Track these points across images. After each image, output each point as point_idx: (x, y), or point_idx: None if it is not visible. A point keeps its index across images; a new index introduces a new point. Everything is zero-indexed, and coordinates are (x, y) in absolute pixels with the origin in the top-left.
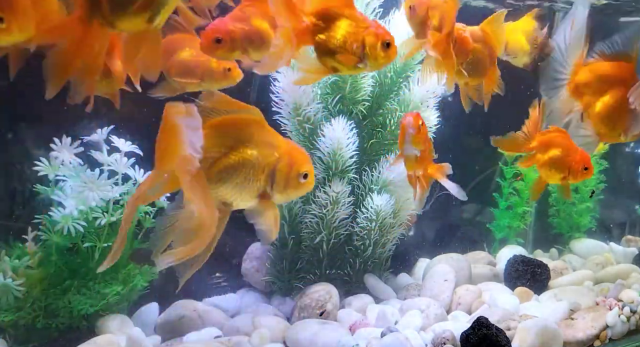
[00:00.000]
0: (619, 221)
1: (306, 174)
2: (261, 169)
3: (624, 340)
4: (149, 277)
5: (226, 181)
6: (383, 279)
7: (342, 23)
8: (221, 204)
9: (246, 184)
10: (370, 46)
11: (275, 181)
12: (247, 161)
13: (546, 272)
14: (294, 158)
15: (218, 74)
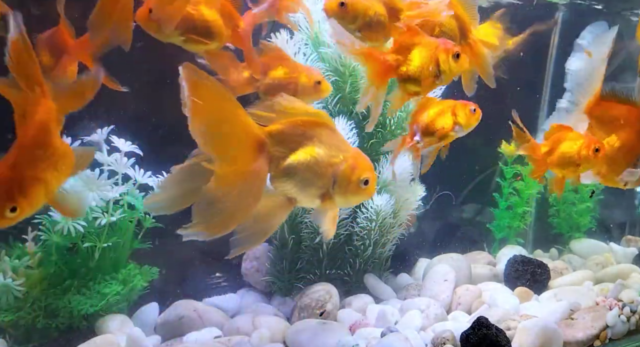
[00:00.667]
0: (619, 221)
1: (367, 181)
2: (325, 169)
3: (624, 340)
4: (149, 277)
5: (292, 177)
6: (383, 279)
7: (416, 52)
8: (286, 198)
9: (310, 182)
10: (443, 62)
11: (337, 183)
12: (312, 159)
13: (546, 272)
14: (357, 163)
15: (309, 88)
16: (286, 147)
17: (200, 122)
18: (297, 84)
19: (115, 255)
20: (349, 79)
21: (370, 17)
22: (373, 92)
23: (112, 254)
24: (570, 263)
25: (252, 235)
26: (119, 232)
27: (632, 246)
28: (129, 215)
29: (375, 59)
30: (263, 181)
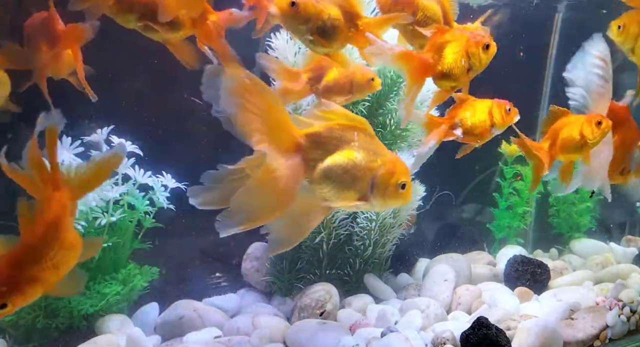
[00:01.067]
0: (619, 221)
1: (404, 185)
2: (363, 173)
3: (624, 340)
4: (149, 277)
5: (330, 180)
6: (383, 279)
7: (448, 49)
8: (323, 202)
9: (348, 186)
10: (473, 56)
11: (376, 187)
12: (351, 163)
13: (546, 272)
14: (395, 167)
15: (363, 85)
16: (324, 150)
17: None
18: (353, 82)
19: (115, 255)
20: None
21: (323, 21)
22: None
23: (112, 254)
24: (570, 263)
25: (288, 236)
26: (119, 232)
27: (632, 246)
28: (129, 215)
29: (415, 60)
30: (296, 182)
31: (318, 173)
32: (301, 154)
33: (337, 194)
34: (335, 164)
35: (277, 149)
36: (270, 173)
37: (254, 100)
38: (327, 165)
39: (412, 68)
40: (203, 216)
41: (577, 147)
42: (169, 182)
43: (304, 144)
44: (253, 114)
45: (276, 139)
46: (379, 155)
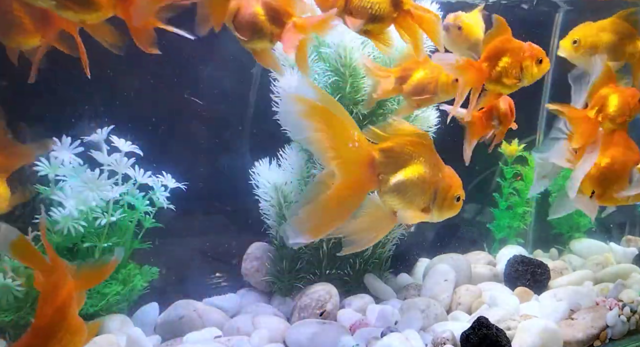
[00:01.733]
0: (619, 221)
1: (459, 197)
2: (429, 186)
3: (624, 340)
4: (149, 277)
5: (400, 192)
6: (383, 279)
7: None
8: (391, 212)
9: (415, 197)
10: (526, 68)
11: (437, 199)
12: (420, 177)
13: (546, 272)
14: (453, 181)
15: (448, 86)
16: (395, 164)
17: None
18: (437, 83)
19: None
20: (349, 79)
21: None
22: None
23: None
24: (570, 263)
25: (360, 241)
26: (119, 232)
27: (632, 246)
28: (129, 215)
29: (473, 69)
30: (364, 195)
31: (389, 186)
32: (374, 167)
33: (405, 205)
34: (407, 179)
35: (350, 165)
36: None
37: (325, 121)
38: (399, 179)
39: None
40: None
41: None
42: (169, 182)
43: (378, 159)
44: (325, 134)
45: (348, 156)
46: (439, 170)
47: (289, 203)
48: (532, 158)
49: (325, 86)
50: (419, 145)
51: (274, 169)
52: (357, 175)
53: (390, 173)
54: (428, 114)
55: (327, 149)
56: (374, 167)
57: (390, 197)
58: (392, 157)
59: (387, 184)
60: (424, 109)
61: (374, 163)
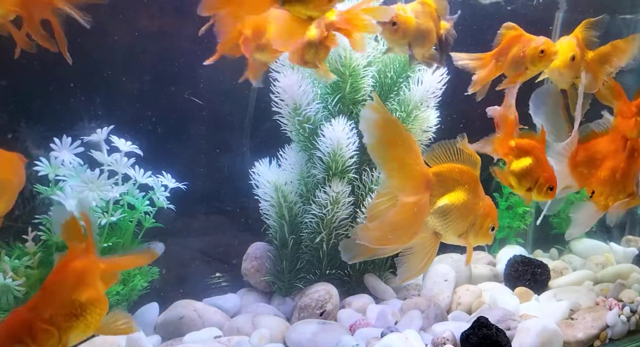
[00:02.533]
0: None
1: (494, 227)
2: (469, 213)
3: (624, 340)
4: (149, 277)
5: (444, 215)
6: (383, 279)
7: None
8: (433, 232)
9: (455, 222)
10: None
11: (474, 226)
12: (463, 203)
13: (546, 272)
14: (490, 211)
15: (536, 58)
16: (444, 188)
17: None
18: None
19: None
20: (349, 79)
21: None
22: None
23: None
24: (570, 263)
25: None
26: (119, 232)
27: (632, 246)
28: (129, 215)
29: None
30: (425, 213)
31: (436, 208)
32: (429, 190)
33: (446, 228)
34: (452, 203)
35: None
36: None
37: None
38: (445, 203)
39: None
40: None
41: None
42: (169, 182)
43: (432, 181)
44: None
45: (410, 174)
46: (480, 199)
47: (289, 203)
48: None
49: (325, 86)
50: (466, 173)
51: (274, 169)
52: (416, 193)
53: (438, 196)
54: (428, 114)
55: (393, 164)
56: (429, 188)
57: (434, 218)
58: (442, 181)
59: (433, 206)
60: (424, 109)
61: (429, 184)
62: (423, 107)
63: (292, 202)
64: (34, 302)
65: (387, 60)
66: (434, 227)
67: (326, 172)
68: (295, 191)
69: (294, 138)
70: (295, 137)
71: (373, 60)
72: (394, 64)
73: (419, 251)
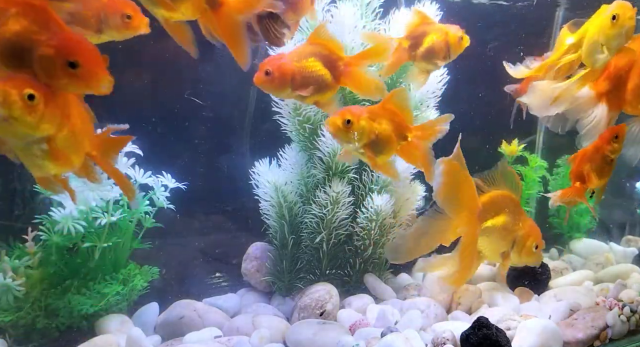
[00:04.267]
0: (619, 221)
1: (537, 246)
2: (509, 234)
3: (624, 340)
4: (149, 277)
5: (486, 236)
6: (383, 279)
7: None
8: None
9: (497, 243)
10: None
11: (515, 246)
12: (503, 226)
13: (546, 272)
14: (533, 231)
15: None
16: (489, 213)
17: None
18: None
19: (115, 255)
20: None
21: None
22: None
23: (112, 254)
24: (570, 263)
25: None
26: (119, 232)
27: (632, 246)
28: (129, 215)
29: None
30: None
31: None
32: (478, 217)
33: (488, 247)
34: (493, 226)
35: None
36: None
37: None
38: (488, 225)
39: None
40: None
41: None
42: (169, 182)
43: (481, 210)
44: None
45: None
46: (521, 221)
47: (289, 203)
48: (533, 158)
49: None
50: (507, 198)
51: (274, 169)
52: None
53: (482, 221)
54: (428, 114)
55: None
56: (479, 217)
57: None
58: (487, 208)
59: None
60: (424, 109)
61: (478, 214)
62: (423, 108)
63: (292, 202)
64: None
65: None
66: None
67: (326, 172)
68: (295, 191)
69: (294, 138)
70: (295, 137)
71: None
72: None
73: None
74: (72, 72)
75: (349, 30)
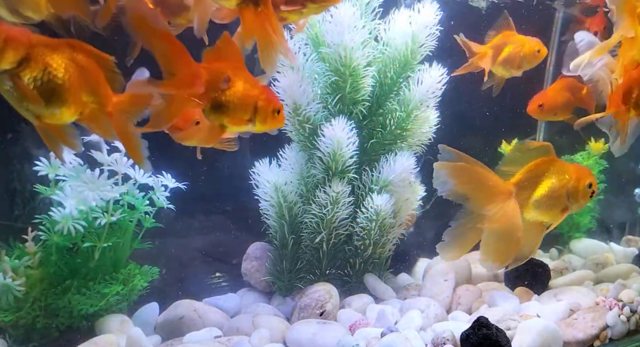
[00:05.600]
0: (619, 221)
1: (591, 184)
2: (561, 192)
3: (624, 340)
4: (149, 277)
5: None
6: (383, 279)
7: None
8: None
9: (553, 206)
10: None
11: (571, 197)
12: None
13: (546, 272)
14: (580, 175)
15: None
16: (529, 189)
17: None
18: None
19: (115, 255)
20: (349, 79)
21: None
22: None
23: (112, 254)
24: (570, 263)
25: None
26: (119, 232)
27: (632, 246)
28: (129, 215)
29: None
30: (519, 217)
31: (530, 207)
32: (514, 197)
33: (547, 213)
34: (542, 196)
35: (496, 202)
36: (498, 219)
37: (465, 176)
38: (535, 199)
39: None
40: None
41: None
42: (169, 182)
43: (515, 191)
44: (467, 185)
45: (492, 196)
46: (566, 172)
47: (289, 203)
48: None
49: (325, 86)
50: (542, 164)
51: (274, 169)
52: (502, 201)
53: (528, 197)
54: (428, 114)
55: (474, 198)
56: (514, 197)
57: (534, 213)
58: (524, 185)
59: (527, 206)
60: (424, 109)
61: (510, 193)
62: (423, 107)
63: (292, 202)
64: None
65: (387, 60)
66: (536, 219)
67: (326, 172)
68: (295, 191)
69: (294, 138)
70: (295, 137)
71: (373, 60)
72: (394, 64)
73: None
74: None
75: (348, 30)
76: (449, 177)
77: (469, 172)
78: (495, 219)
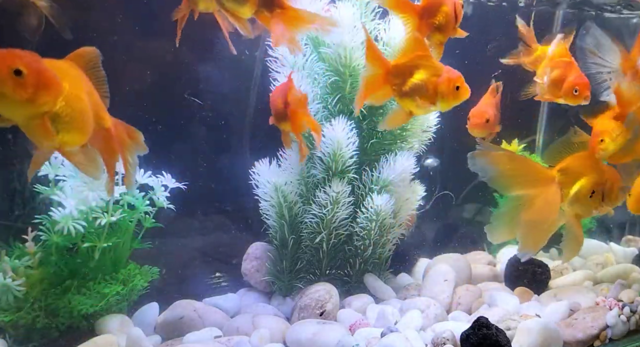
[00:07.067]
0: (619, 221)
1: (623, 188)
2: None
3: (624, 340)
4: (149, 277)
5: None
6: (383, 279)
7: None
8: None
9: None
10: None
11: (607, 197)
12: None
13: (546, 272)
14: (615, 177)
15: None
16: (572, 178)
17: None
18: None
19: (115, 255)
20: (349, 79)
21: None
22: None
23: (112, 254)
24: (570, 263)
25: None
26: (119, 232)
27: (632, 246)
28: (129, 215)
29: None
30: (558, 203)
31: (571, 197)
32: (555, 183)
33: (584, 209)
34: (582, 187)
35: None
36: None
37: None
38: (576, 190)
39: None
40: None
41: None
42: (169, 182)
43: (557, 177)
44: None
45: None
46: (604, 171)
47: (289, 203)
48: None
49: (325, 86)
50: (583, 158)
51: (274, 169)
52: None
53: (569, 186)
54: (427, 115)
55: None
56: (557, 183)
57: (572, 206)
58: (568, 173)
59: (568, 196)
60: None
61: (554, 181)
62: None
63: (292, 202)
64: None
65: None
66: (574, 212)
67: (326, 172)
68: (295, 191)
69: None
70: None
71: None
72: None
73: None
74: None
75: (348, 30)
76: (489, 164)
77: (510, 158)
78: (536, 203)
